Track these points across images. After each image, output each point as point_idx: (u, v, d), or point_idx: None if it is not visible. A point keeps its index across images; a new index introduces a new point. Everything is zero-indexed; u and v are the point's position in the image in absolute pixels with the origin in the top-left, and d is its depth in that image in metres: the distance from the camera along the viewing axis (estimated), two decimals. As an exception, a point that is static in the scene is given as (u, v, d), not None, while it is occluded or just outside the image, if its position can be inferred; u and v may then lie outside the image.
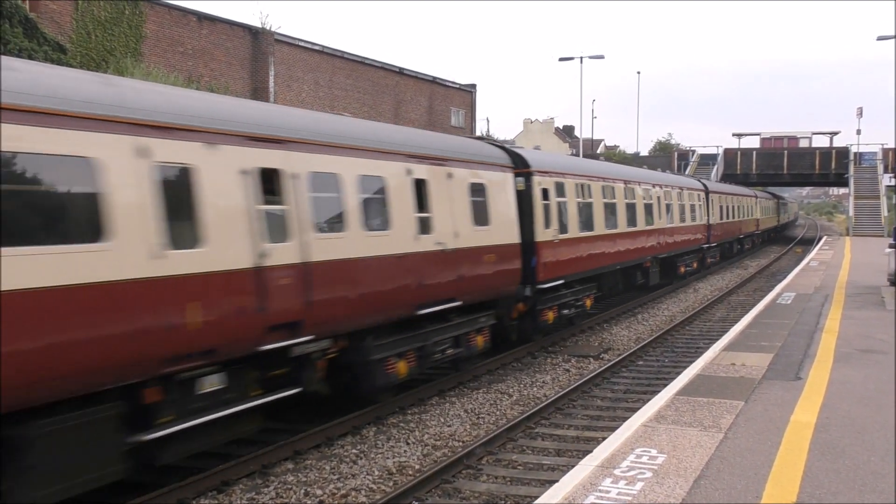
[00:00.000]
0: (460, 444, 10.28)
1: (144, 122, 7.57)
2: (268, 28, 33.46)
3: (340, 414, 10.95)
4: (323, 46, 37.34)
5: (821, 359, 11.16)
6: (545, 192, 15.99)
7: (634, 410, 9.53)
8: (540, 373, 14.47)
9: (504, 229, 14.28)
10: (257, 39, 33.28)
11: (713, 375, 10.20)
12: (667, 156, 68.64)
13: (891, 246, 19.34)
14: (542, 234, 15.74)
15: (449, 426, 11.06)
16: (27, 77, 6.81)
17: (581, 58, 47.48)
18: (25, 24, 20.28)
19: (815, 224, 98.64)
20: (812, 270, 25.84)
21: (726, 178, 55.91)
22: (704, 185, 33.00)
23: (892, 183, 50.35)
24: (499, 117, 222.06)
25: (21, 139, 6.43)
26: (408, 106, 44.02)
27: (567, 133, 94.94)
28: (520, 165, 15.37)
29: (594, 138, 78.39)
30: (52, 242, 6.58)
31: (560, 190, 16.80)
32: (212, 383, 8.31)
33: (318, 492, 8.52)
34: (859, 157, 55.98)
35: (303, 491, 8.54)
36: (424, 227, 11.81)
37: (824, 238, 51.05)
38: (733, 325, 15.13)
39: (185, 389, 8.01)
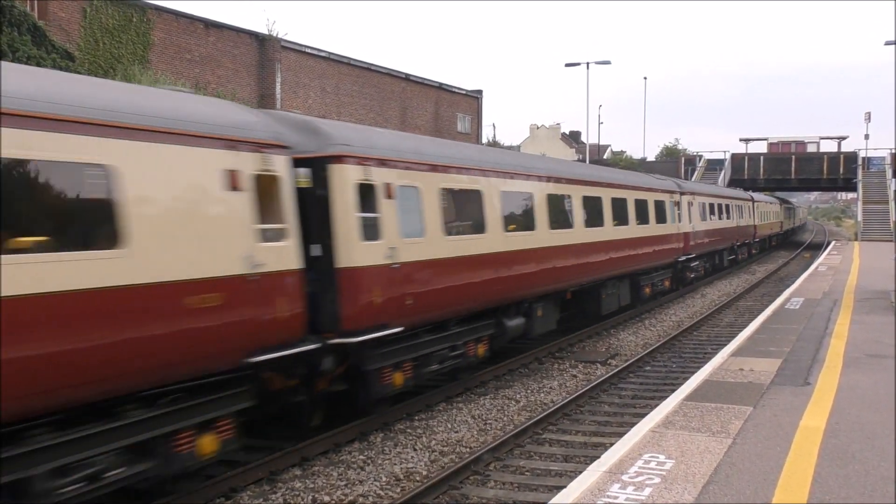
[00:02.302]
0: (468, 449, 10.26)
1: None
2: (274, 35, 33.60)
3: (347, 420, 10.95)
4: (329, 53, 37.46)
5: (830, 364, 11.10)
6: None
7: (642, 416, 9.51)
8: (547, 378, 14.44)
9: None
10: (264, 46, 33.40)
11: (721, 381, 10.17)
12: (674, 161, 68.53)
13: None
14: None
15: (456, 432, 11.04)
16: None
17: (587, 63, 47.50)
18: (34, 31, 20.39)
19: (824, 229, 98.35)
20: (820, 275, 25.74)
21: (734, 183, 55.80)
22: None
23: (901, 188, 50.14)
24: (505, 123, 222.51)
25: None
26: (414, 112, 44.10)
27: (574, 138, 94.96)
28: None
29: (601, 144, 78.42)
30: None
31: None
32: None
33: (326, 498, 8.51)
34: (868, 161, 55.82)
35: (310, 497, 8.54)
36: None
37: (833, 243, 50.89)
38: (741, 331, 15.08)
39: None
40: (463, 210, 12.94)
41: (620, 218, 20.00)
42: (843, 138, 62.71)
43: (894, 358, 11.45)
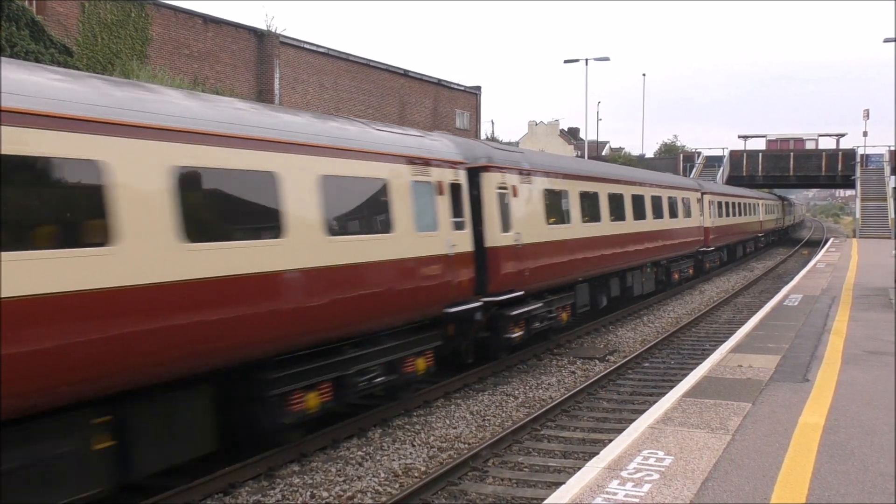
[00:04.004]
0: (466, 446, 10.25)
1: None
2: (273, 30, 33.53)
3: (346, 416, 10.93)
4: (328, 49, 37.39)
5: (828, 360, 11.10)
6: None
7: (641, 412, 9.49)
8: (545, 375, 14.43)
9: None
10: (262, 42, 33.34)
11: (720, 377, 10.16)
12: (672, 158, 68.48)
13: None
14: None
15: (454, 428, 11.04)
16: None
17: (586, 60, 47.46)
18: (32, 26, 20.33)
19: (822, 226, 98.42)
20: (819, 272, 25.75)
21: (732, 180, 55.76)
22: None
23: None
24: (504, 119, 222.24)
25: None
26: (413, 108, 44.05)
27: (572, 135, 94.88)
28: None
29: (599, 140, 78.33)
30: None
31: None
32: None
33: (324, 494, 8.50)
34: (866, 158, 55.75)
35: (309, 493, 8.53)
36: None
37: (831, 240, 50.90)
38: (740, 327, 15.07)
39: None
40: (557, 206, 16.63)
41: (657, 213, 23.86)
42: (842, 135, 62.63)
43: (894, 355, 11.45)
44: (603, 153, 75.65)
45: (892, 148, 55.39)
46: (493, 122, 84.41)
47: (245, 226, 8.43)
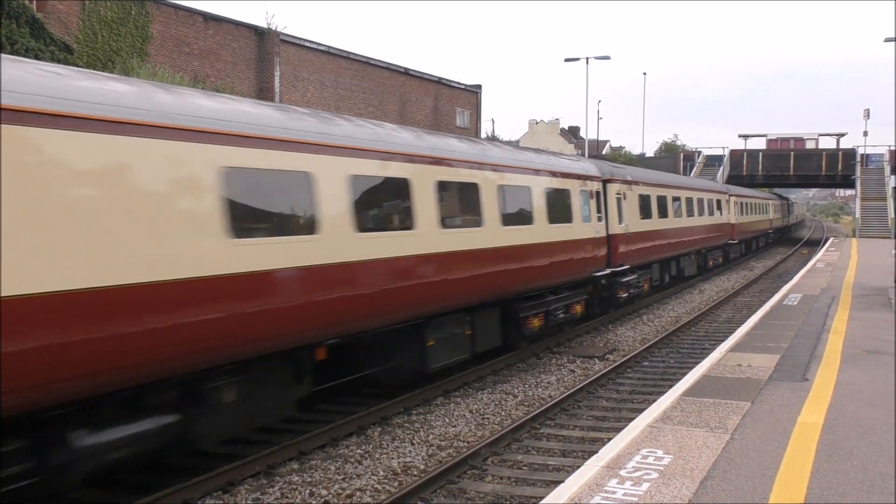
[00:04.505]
0: (465, 444, 10.26)
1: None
2: (273, 28, 33.51)
3: (345, 414, 10.93)
4: (328, 47, 37.38)
5: (828, 360, 11.11)
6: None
7: (640, 411, 9.49)
8: (545, 373, 14.44)
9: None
10: (263, 40, 33.33)
11: (719, 376, 10.16)
12: (672, 157, 68.46)
13: None
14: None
15: (454, 426, 11.04)
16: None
17: (587, 59, 47.46)
18: (32, 24, 20.33)
19: (822, 226, 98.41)
20: (818, 272, 25.75)
21: (732, 179, 55.76)
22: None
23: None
24: (504, 118, 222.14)
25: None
26: (413, 106, 44.04)
27: (573, 134, 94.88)
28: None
29: (599, 139, 78.30)
30: None
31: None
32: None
33: (324, 492, 8.51)
34: (866, 158, 55.74)
35: (308, 491, 8.53)
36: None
37: (831, 239, 50.90)
38: (739, 326, 15.07)
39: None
40: (648, 206, 22.69)
41: (701, 211, 30.15)
42: (842, 135, 62.60)
43: (893, 354, 11.46)
44: (603, 152, 75.61)
45: (893, 148, 55.39)
46: (493, 121, 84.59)
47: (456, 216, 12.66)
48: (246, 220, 8.25)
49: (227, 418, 8.58)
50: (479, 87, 51.54)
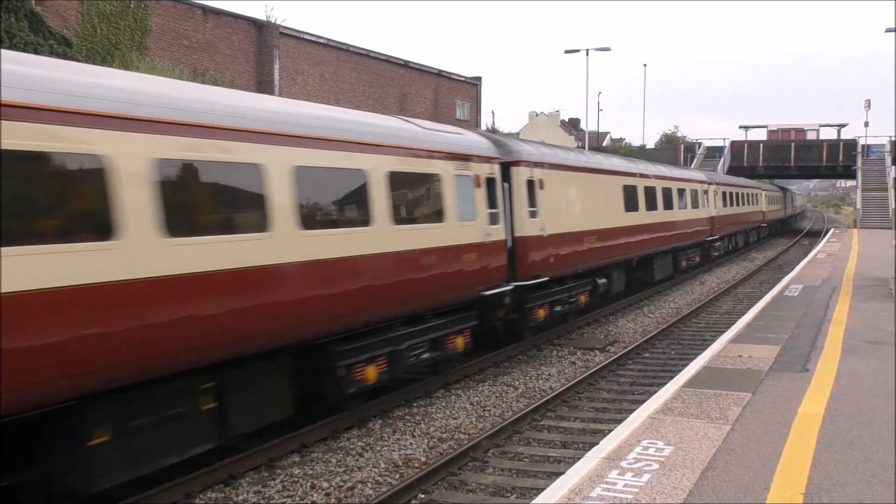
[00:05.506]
0: (466, 436, 10.27)
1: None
2: (272, 21, 33.42)
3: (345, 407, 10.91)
4: (328, 39, 37.29)
5: (828, 350, 11.11)
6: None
7: (641, 403, 9.51)
8: (545, 365, 14.44)
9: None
10: (262, 33, 33.24)
11: (720, 367, 10.17)
12: (673, 149, 68.37)
13: None
14: None
15: (455, 419, 11.05)
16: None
17: (587, 50, 47.31)
18: (31, 18, 20.26)
19: (823, 216, 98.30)
20: (819, 262, 25.74)
21: (733, 170, 55.69)
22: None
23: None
24: (504, 110, 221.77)
25: None
26: (413, 99, 43.95)
27: (573, 126, 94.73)
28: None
29: (600, 131, 78.16)
30: None
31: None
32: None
33: (325, 484, 8.52)
34: (867, 149, 55.67)
35: (309, 484, 8.54)
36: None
37: (831, 230, 50.87)
38: (740, 318, 15.08)
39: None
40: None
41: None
42: (843, 126, 62.50)
43: (894, 345, 11.45)
44: (604, 144, 75.53)
45: (894, 138, 55.25)
46: (493, 113, 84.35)
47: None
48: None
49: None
50: (479, 79, 51.42)
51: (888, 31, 39.32)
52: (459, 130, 14.08)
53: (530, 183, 15.03)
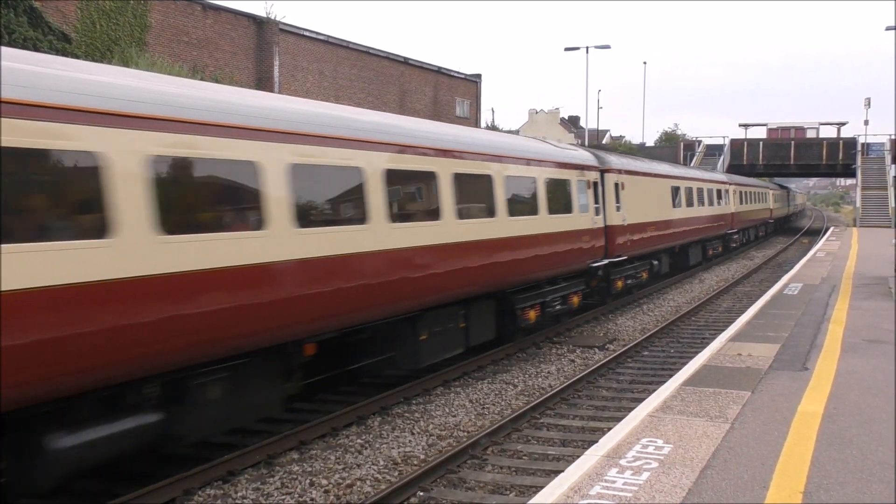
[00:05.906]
0: (465, 434, 10.26)
1: None
2: (272, 18, 33.37)
3: (345, 404, 10.93)
4: (328, 36, 37.23)
5: (828, 349, 11.10)
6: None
7: (640, 401, 9.50)
8: (545, 363, 14.44)
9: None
10: (262, 29, 33.19)
11: (719, 366, 10.16)
12: (672, 146, 68.33)
13: None
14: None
15: (454, 416, 11.04)
16: None
17: (587, 48, 47.33)
18: (30, 13, 20.22)
19: (822, 215, 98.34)
20: (819, 261, 25.73)
21: (732, 168, 55.65)
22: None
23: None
24: (504, 108, 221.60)
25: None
26: (413, 96, 43.91)
27: (573, 123, 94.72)
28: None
29: (599, 129, 78.15)
30: None
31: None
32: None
33: (324, 482, 8.51)
34: (867, 147, 55.59)
35: (308, 481, 8.54)
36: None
37: (831, 229, 50.86)
38: (739, 316, 15.07)
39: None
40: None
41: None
42: (843, 124, 62.37)
43: (893, 343, 11.45)
44: (603, 141, 75.50)
45: (893, 137, 55.21)
46: (493, 111, 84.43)
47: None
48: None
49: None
50: (479, 76, 51.39)
51: (888, 29, 39.32)
52: (576, 147, 20.87)
53: (616, 185, 19.74)
